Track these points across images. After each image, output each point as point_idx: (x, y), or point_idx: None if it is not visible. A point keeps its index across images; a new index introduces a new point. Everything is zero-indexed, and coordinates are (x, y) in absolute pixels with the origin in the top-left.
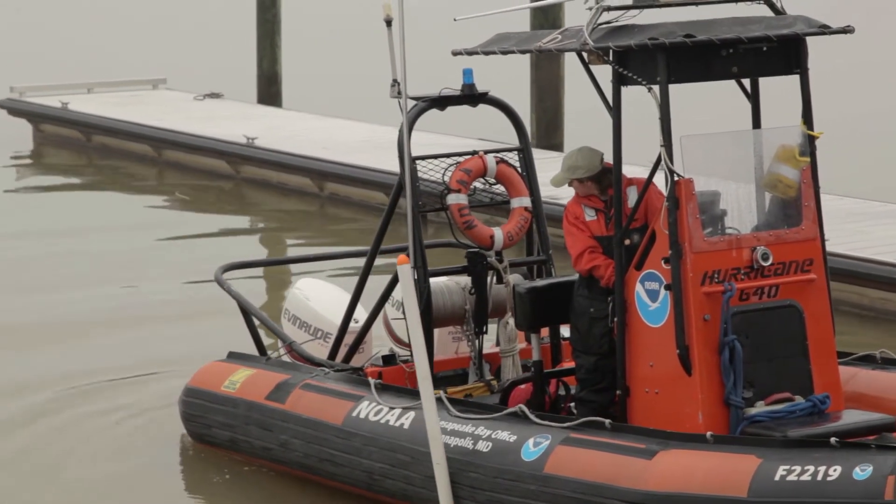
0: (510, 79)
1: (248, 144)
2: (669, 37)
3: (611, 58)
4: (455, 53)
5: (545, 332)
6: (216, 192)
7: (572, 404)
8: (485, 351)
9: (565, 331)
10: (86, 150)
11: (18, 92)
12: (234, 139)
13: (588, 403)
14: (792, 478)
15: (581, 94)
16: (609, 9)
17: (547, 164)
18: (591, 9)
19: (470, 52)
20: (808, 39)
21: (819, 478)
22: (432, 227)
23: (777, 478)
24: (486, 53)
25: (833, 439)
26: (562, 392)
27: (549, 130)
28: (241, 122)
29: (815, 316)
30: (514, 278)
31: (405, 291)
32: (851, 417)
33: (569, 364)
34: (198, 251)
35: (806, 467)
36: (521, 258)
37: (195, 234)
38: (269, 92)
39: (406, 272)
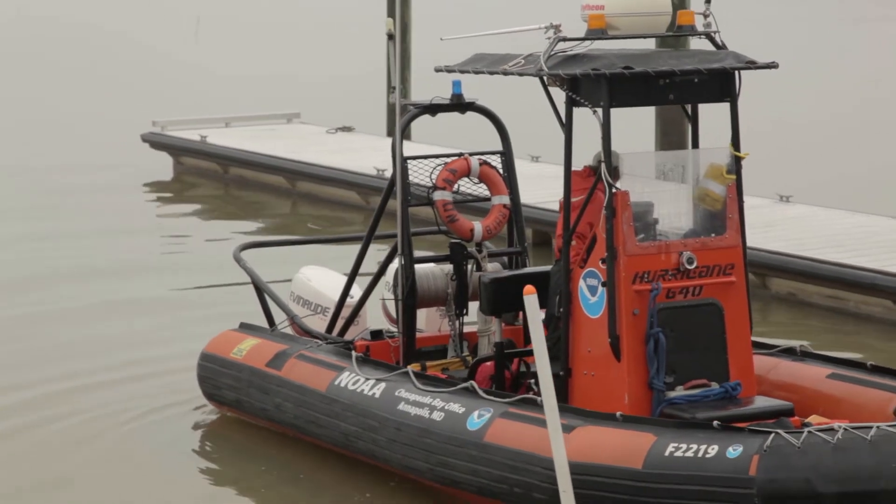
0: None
1: (379, 176)
2: (610, 68)
3: (563, 83)
4: (437, 70)
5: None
6: (347, 223)
7: (532, 381)
8: (466, 330)
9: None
10: (223, 181)
11: (160, 126)
12: (364, 171)
13: None
14: (678, 454)
15: (705, 125)
16: (564, 39)
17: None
18: (549, 38)
19: (450, 70)
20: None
21: (700, 455)
22: (415, 224)
23: (667, 453)
24: (462, 72)
25: (715, 423)
26: (523, 369)
27: None
28: (372, 155)
29: (733, 313)
30: (492, 267)
31: (531, 321)
32: (757, 403)
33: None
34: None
35: (690, 445)
36: (499, 249)
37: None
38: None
39: (532, 302)
